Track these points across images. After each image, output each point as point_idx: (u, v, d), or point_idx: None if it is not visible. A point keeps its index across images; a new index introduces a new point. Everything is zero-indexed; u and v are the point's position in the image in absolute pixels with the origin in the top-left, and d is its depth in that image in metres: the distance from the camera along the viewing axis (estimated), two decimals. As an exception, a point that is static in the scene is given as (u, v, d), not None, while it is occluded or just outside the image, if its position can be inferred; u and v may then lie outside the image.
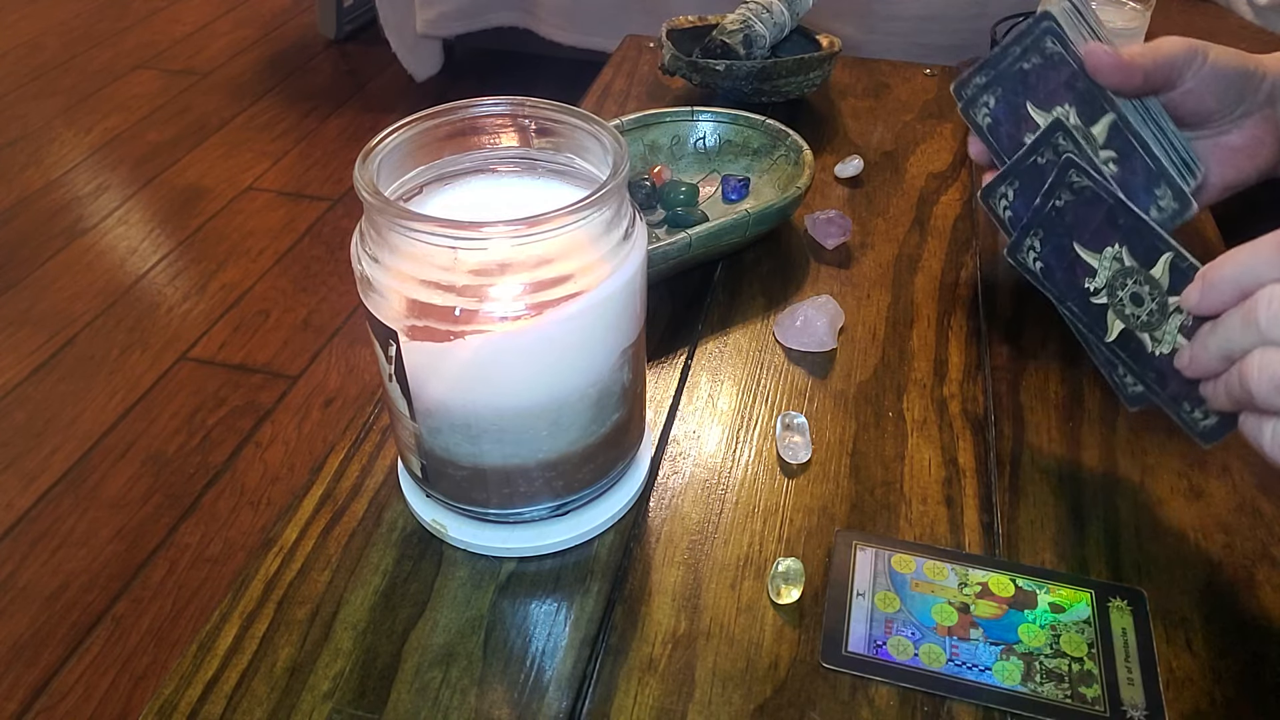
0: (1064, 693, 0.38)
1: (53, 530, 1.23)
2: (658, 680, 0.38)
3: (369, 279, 0.37)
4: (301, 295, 1.66)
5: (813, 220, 0.64)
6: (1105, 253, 0.44)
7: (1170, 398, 0.43)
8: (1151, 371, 0.43)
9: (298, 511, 0.45)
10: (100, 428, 1.39)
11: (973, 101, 0.54)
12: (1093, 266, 0.45)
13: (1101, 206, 0.44)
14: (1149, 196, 0.49)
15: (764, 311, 0.58)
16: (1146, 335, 0.43)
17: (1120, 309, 0.44)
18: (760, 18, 0.78)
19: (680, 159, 0.69)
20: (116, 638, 1.11)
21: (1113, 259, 0.44)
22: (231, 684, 0.38)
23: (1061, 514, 0.45)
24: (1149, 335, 0.43)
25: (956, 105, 0.54)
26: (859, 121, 0.79)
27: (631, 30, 1.01)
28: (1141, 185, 0.49)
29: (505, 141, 0.42)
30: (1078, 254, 0.45)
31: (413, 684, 0.38)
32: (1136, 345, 0.43)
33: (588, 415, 0.40)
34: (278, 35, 2.60)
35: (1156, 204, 0.49)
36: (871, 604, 0.41)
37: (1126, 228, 0.43)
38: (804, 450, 0.48)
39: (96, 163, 2.03)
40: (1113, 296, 0.44)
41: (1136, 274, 0.43)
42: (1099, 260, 0.44)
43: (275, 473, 1.32)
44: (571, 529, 0.43)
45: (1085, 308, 0.46)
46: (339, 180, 1.97)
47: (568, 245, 0.36)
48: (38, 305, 1.63)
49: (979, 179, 0.71)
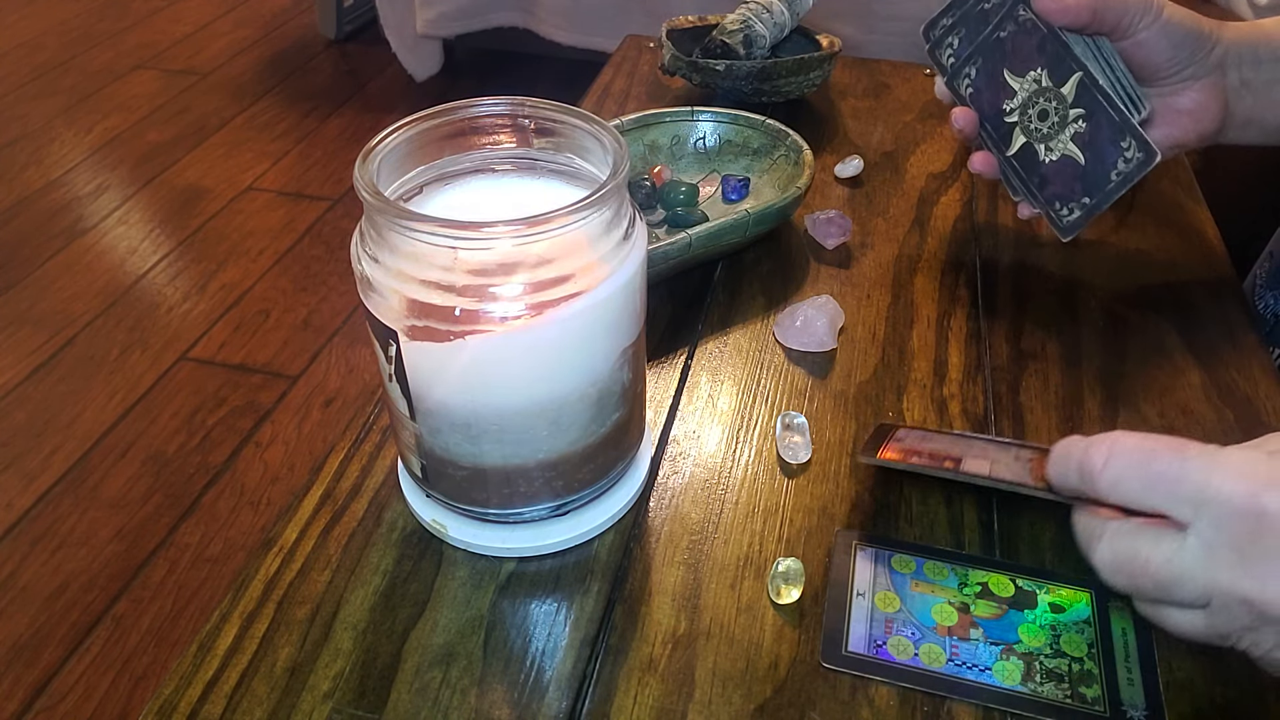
0: (1064, 693, 0.38)
1: (53, 530, 1.23)
2: (658, 680, 0.38)
3: (369, 279, 0.37)
4: (301, 295, 1.66)
5: (813, 220, 0.64)
6: (1028, 76, 0.54)
7: (1046, 199, 0.56)
8: (1036, 177, 0.55)
9: (298, 511, 0.45)
10: (100, 428, 1.39)
11: (939, 43, 0.58)
12: (1014, 89, 0.55)
13: (1036, 35, 0.53)
14: (1115, 149, 0.52)
15: (764, 311, 0.58)
16: (1042, 145, 0.54)
17: (1026, 124, 0.55)
18: (760, 18, 0.78)
19: (680, 159, 0.69)
20: (116, 638, 1.11)
21: (1033, 80, 0.54)
22: (231, 684, 0.38)
23: (1061, 514, 0.45)
24: (1044, 145, 0.54)
25: (925, 46, 0.59)
26: (859, 121, 0.79)
27: (631, 30, 1.01)
28: (1108, 139, 0.52)
29: (505, 141, 0.42)
30: (1005, 79, 0.55)
31: (413, 684, 0.38)
32: (1031, 156, 0.55)
33: (588, 415, 0.40)
34: (278, 35, 2.60)
35: (1123, 155, 0.52)
36: (871, 604, 0.41)
37: (1050, 52, 0.53)
38: (804, 450, 0.48)
39: (96, 163, 2.04)
40: (1024, 115, 0.55)
41: (1049, 92, 0.53)
42: (1021, 83, 0.54)
43: (275, 473, 1.32)
44: (571, 529, 0.43)
45: (998, 125, 0.56)
46: (339, 180, 1.97)
47: (568, 245, 0.36)
48: (38, 305, 1.63)
49: (979, 189, 0.71)
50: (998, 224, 0.66)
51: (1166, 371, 0.54)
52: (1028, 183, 0.56)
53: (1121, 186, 0.53)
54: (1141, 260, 0.63)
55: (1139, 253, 0.64)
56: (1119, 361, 0.54)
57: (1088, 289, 0.60)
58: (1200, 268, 0.63)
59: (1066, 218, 0.55)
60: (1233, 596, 0.31)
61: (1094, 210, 0.54)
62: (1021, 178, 0.56)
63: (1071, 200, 0.55)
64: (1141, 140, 0.51)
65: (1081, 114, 0.53)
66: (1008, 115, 0.55)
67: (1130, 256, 0.63)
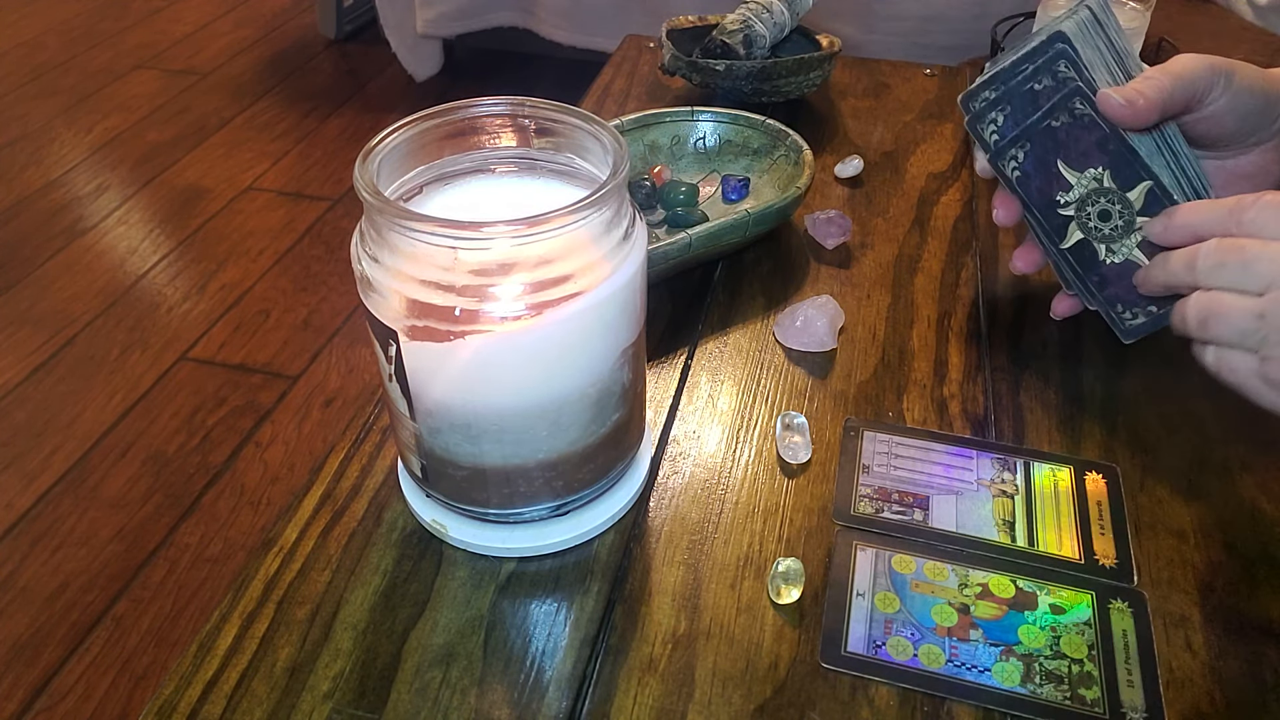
0: (1064, 694, 0.38)
1: (53, 530, 1.23)
2: (658, 680, 0.38)
3: (369, 279, 0.37)
4: (301, 295, 1.66)
5: (813, 220, 0.64)
6: (1086, 173, 0.49)
7: (1106, 299, 0.52)
8: (1095, 276, 0.51)
9: (298, 511, 0.45)
10: (100, 428, 1.39)
11: (980, 117, 0.52)
12: (1069, 183, 0.50)
13: (1096, 132, 0.48)
14: None
15: (764, 311, 0.58)
16: (1103, 246, 0.50)
17: (1084, 222, 0.50)
18: (760, 18, 0.78)
19: (680, 159, 0.69)
20: (116, 638, 1.11)
21: (1092, 179, 0.49)
22: (231, 684, 0.38)
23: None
24: (1105, 245, 0.50)
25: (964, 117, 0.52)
26: (859, 121, 0.79)
27: (631, 30, 1.01)
28: None
29: (505, 141, 0.42)
30: (1059, 170, 0.50)
31: (413, 684, 0.38)
32: (1090, 253, 0.51)
33: (588, 415, 0.40)
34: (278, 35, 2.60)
35: None
36: (871, 604, 0.41)
37: (1115, 154, 0.48)
38: (804, 450, 0.48)
39: (96, 163, 2.03)
40: (1081, 210, 0.50)
41: (1111, 194, 0.49)
42: (1078, 178, 0.50)
43: (275, 473, 1.32)
44: (571, 529, 0.43)
45: (1049, 216, 0.52)
46: (339, 180, 1.97)
47: (568, 245, 0.36)
48: (38, 305, 1.63)
49: (979, 189, 0.71)
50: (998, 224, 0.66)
51: (1167, 371, 0.54)
52: (1084, 279, 0.51)
53: None
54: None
55: None
56: (1119, 361, 0.54)
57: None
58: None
59: (1130, 321, 0.51)
60: None
61: (1161, 321, 0.50)
62: (1077, 273, 0.52)
63: (1136, 305, 0.51)
64: None
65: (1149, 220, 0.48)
66: (1062, 208, 0.50)
67: None
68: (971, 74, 0.86)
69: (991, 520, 0.44)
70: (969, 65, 0.90)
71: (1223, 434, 0.50)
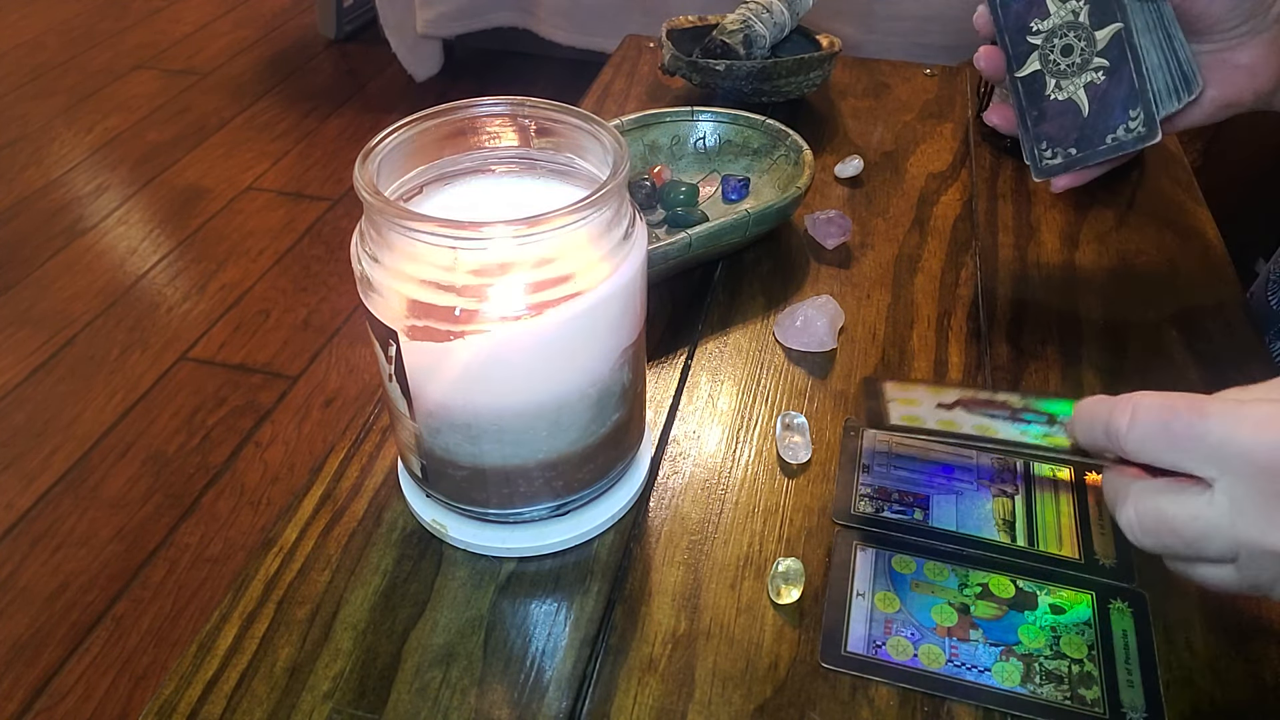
0: (1063, 694, 0.38)
1: (53, 530, 1.23)
2: (658, 680, 0.38)
3: (369, 279, 0.37)
4: (301, 295, 1.66)
5: (813, 220, 0.64)
6: (1069, 4, 0.51)
7: (1035, 134, 0.54)
8: (1035, 109, 0.53)
9: (298, 511, 0.45)
10: (100, 428, 1.39)
11: None
12: (1049, 10, 0.51)
13: None
14: (1123, 115, 0.51)
15: (764, 311, 0.58)
16: (1053, 80, 0.52)
17: (1047, 53, 0.52)
18: (760, 18, 0.78)
19: (680, 159, 0.69)
20: (116, 638, 1.11)
21: (1071, 11, 0.51)
22: (231, 684, 0.38)
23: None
24: (1055, 80, 0.52)
25: None
26: (859, 121, 0.79)
27: (631, 30, 1.01)
28: (1120, 101, 0.51)
29: (505, 141, 0.42)
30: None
31: (413, 684, 0.38)
32: (1039, 85, 0.53)
33: (588, 415, 0.40)
34: (278, 35, 2.60)
35: (1127, 123, 0.51)
36: (871, 604, 0.41)
37: None
38: (804, 450, 0.48)
39: (96, 163, 2.04)
40: (1047, 41, 0.52)
41: (1081, 30, 0.50)
42: (1058, 8, 0.51)
43: (275, 473, 1.32)
44: (571, 529, 0.43)
45: (1017, 41, 0.53)
46: (339, 180, 1.97)
47: (568, 245, 0.36)
48: (38, 305, 1.63)
49: (979, 189, 0.71)
50: (998, 224, 0.66)
51: (1166, 371, 0.54)
52: (1025, 110, 0.54)
53: (1112, 152, 0.52)
54: (1141, 260, 0.63)
55: (1139, 253, 0.64)
56: (1119, 361, 0.54)
57: (1088, 289, 0.60)
58: (1200, 268, 0.63)
59: (1047, 160, 0.54)
60: (1261, 549, 0.31)
61: (1075, 163, 0.53)
62: (1021, 103, 0.54)
63: (1058, 145, 0.53)
64: (1150, 117, 0.50)
65: (1105, 65, 0.51)
66: (1031, 35, 0.52)
67: (1130, 256, 0.63)
68: (971, 74, 0.86)
69: (991, 520, 0.44)
70: (969, 65, 0.90)
71: (1223, 434, 0.50)
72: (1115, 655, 0.39)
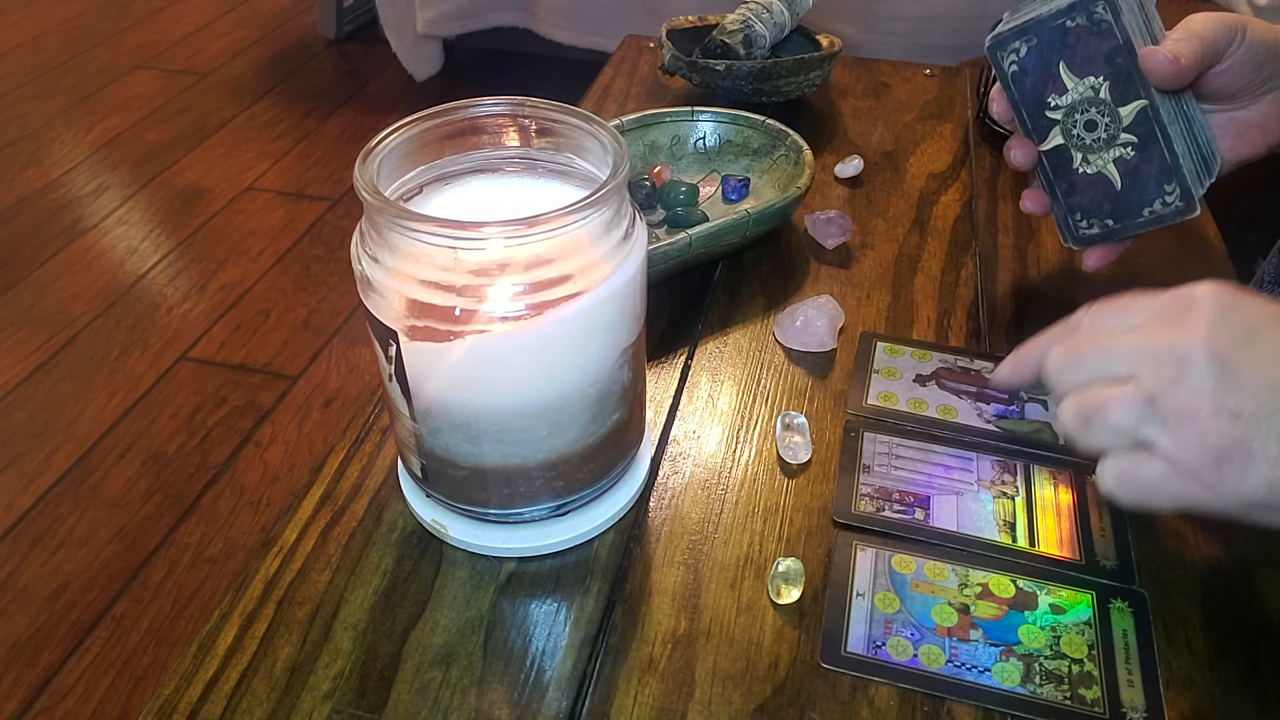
0: (1063, 694, 0.38)
1: (53, 530, 1.23)
2: (658, 680, 0.38)
3: (369, 279, 0.37)
4: (301, 295, 1.66)
5: (813, 220, 0.64)
6: (1085, 80, 0.50)
7: (1068, 206, 0.54)
8: (1064, 182, 0.54)
9: (298, 511, 0.45)
10: (100, 428, 1.39)
11: (1002, 45, 0.52)
12: (1065, 87, 0.51)
13: (1109, 42, 0.49)
14: (1158, 190, 0.51)
15: (764, 311, 0.58)
16: (1079, 154, 0.52)
17: (1069, 128, 0.52)
18: (760, 18, 0.78)
19: (680, 159, 0.69)
20: (116, 638, 1.11)
21: (1089, 88, 0.50)
22: (231, 684, 0.38)
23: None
24: (1082, 154, 0.52)
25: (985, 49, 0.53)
26: (859, 121, 0.79)
27: (631, 30, 1.01)
28: (1154, 176, 0.51)
29: (505, 141, 0.42)
30: (1059, 72, 0.51)
31: (413, 684, 0.38)
32: (1065, 159, 0.53)
33: (588, 415, 0.40)
34: (278, 35, 2.60)
35: (1163, 198, 0.51)
36: (871, 604, 0.41)
37: (1120, 66, 0.49)
38: (804, 450, 0.48)
39: (96, 163, 2.03)
40: (1068, 116, 0.51)
41: (1104, 106, 0.50)
42: (1076, 84, 0.50)
43: (275, 473, 1.32)
44: (571, 529, 0.43)
45: (1035, 116, 0.53)
46: (339, 180, 1.97)
47: (568, 245, 0.36)
48: (38, 305, 1.63)
49: (979, 189, 0.71)
50: (998, 224, 0.66)
51: (1166, 372, 0.53)
52: (1053, 183, 0.54)
53: (1150, 225, 0.52)
54: (1141, 260, 0.63)
55: (1139, 253, 0.64)
56: (1119, 362, 0.54)
57: (1087, 289, 0.60)
58: (1200, 268, 0.63)
59: (1084, 230, 0.54)
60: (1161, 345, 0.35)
61: (1113, 235, 0.53)
62: (1048, 176, 0.54)
63: (1094, 216, 0.53)
64: (1187, 191, 0.50)
65: (1134, 141, 0.50)
66: (1050, 110, 0.52)
67: (1130, 257, 0.63)
68: (971, 74, 0.86)
69: (992, 520, 0.44)
70: (969, 65, 0.90)
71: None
72: (1115, 655, 0.39)
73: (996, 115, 0.55)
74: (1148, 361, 0.35)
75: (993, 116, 0.56)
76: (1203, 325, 0.34)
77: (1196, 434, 0.34)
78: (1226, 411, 0.33)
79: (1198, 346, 0.34)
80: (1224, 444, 0.33)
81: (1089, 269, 0.56)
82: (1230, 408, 0.33)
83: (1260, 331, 0.34)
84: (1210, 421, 0.34)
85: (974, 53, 0.58)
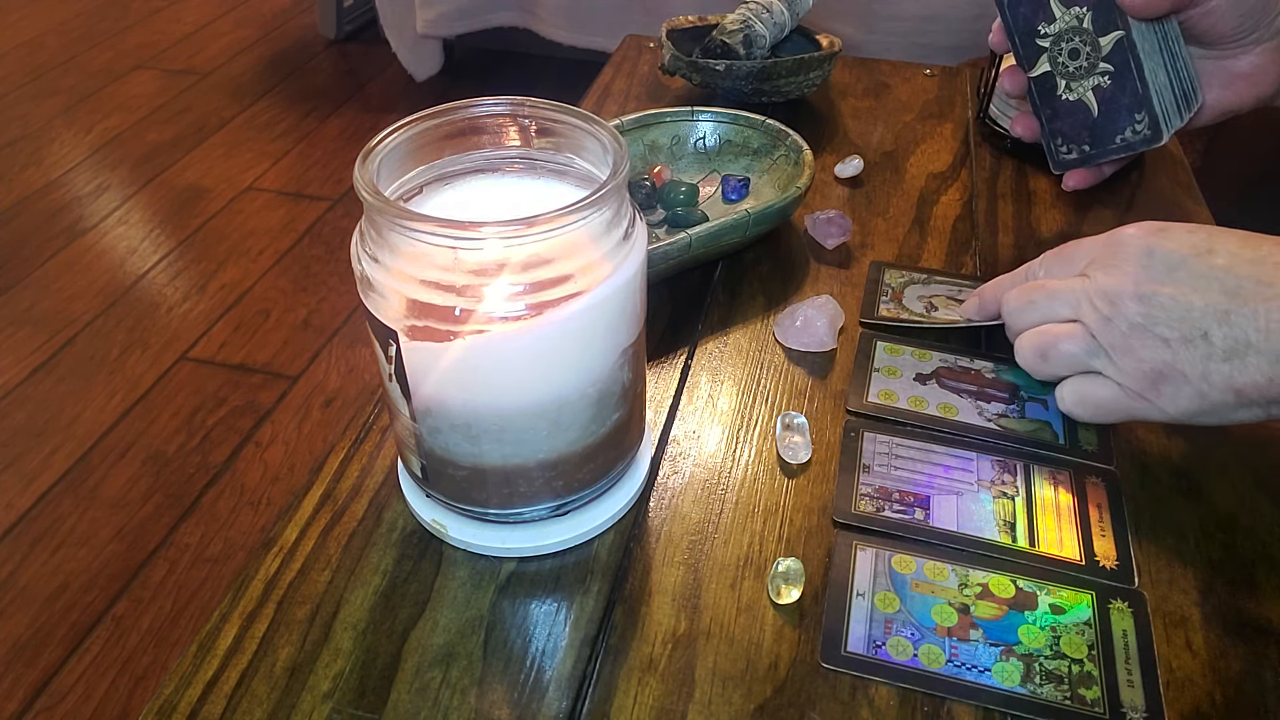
0: (1063, 694, 0.38)
1: (53, 530, 1.23)
2: (658, 680, 0.38)
3: (369, 279, 0.37)
4: (301, 295, 1.66)
5: (813, 220, 0.64)
6: (1072, 10, 0.54)
7: (1051, 131, 0.59)
8: (1049, 109, 0.59)
9: (298, 511, 0.45)
10: (100, 428, 1.39)
11: None
12: (1054, 15, 0.55)
13: None
14: (1128, 118, 0.55)
15: (764, 311, 0.58)
16: (1063, 81, 0.56)
17: (1055, 55, 0.56)
18: (760, 18, 0.78)
19: (680, 159, 0.69)
20: (116, 638, 1.11)
21: (1075, 17, 0.54)
22: (231, 684, 0.38)
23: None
24: (1066, 81, 0.56)
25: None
26: (859, 121, 0.79)
27: (631, 30, 1.01)
28: (1126, 105, 0.54)
29: (505, 141, 0.42)
30: (1048, 2, 0.55)
31: (413, 684, 0.38)
32: (1050, 86, 0.57)
33: (588, 415, 0.40)
34: (278, 35, 2.60)
35: (1133, 126, 0.55)
36: (871, 604, 0.41)
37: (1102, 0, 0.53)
38: (804, 450, 0.48)
39: (96, 163, 2.04)
40: (1055, 44, 0.56)
41: (1086, 35, 0.54)
42: (1063, 14, 0.55)
43: (275, 473, 1.32)
44: (571, 529, 0.43)
45: (1027, 43, 0.57)
46: (339, 180, 1.97)
47: (568, 245, 0.36)
48: (38, 305, 1.63)
49: (979, 189, 0.71)
50: (997, 224, 0.66)
51: (1166, 372, 0.54)
52: (1040, 109, 0.59)
53: (1122, 151, 0.56)
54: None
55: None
56: (1119, 361, 0.54)
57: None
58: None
59: (1064, 155, 0.59)
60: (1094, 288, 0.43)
61: (1090, 159, 0.57)
62: (1035, 102, 0.59)
63: (1073, 142, 0.58)
64: (1155, 121, 0.53)
65: (1110, 70, 0.54)
66: (1040, 38, 0.56)
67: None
68: (971, 74, 0.86)
69: (992, 520, 0.44)
70: (969, 65, 0.90)
71: (1222, 433, 0.50)
72: (1115, 655, 0.39)
73: (993, 45, 0.60)
74: (1085, 303, 0.43)
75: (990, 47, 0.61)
76: (1130, 266, 0.42)
77: (1134, 361, 0.42)
78: (1156, 339, 0.41)
79: (1126, 287, 0.41)
80: (1158, 367, 0.41)
81: (1069, 189, 0.62)
82: (1159, 335, 0.41)
83: (1180, 266, 0.41)
84: (1143, 349, 0.41)
85: (974, 52, 0.59)
